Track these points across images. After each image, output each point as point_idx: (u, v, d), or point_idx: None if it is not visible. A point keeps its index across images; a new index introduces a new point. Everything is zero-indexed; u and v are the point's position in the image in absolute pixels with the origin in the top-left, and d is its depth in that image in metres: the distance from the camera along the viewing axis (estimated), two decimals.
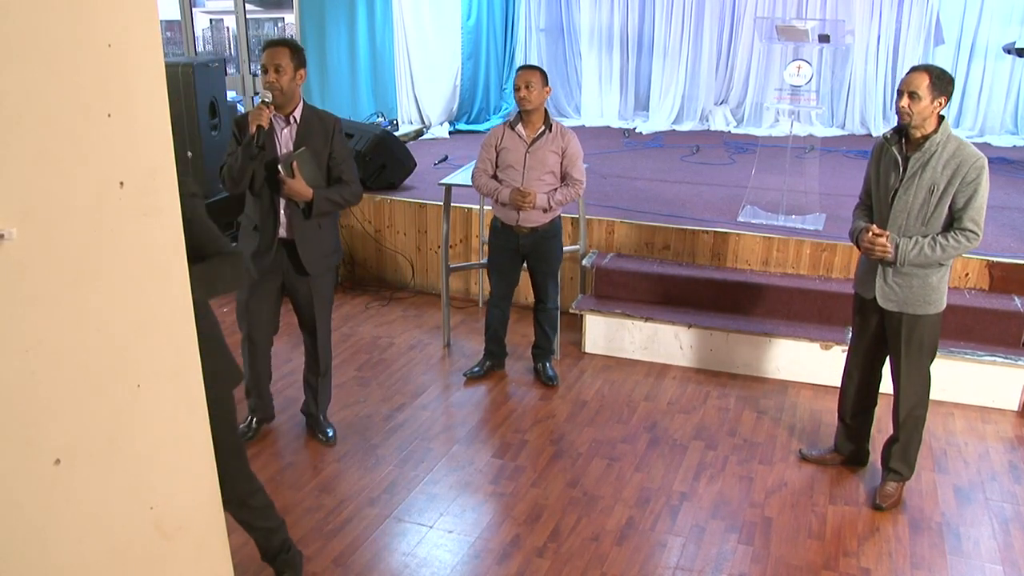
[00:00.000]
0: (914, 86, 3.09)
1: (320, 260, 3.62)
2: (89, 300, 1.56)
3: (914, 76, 3.12)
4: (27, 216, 1.41)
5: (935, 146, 3.12)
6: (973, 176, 3.08)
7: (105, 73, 1.52)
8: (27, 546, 1.52)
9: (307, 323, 3.78)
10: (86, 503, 1.61)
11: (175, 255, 1.75)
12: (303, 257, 3.55)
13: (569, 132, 4.19)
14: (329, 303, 3.81)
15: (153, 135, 1.65)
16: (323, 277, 3.70)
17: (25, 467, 1.49)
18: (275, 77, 3.35)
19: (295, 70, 3.39)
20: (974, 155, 3.10)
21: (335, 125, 3.55)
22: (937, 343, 3.39)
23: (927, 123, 3.13)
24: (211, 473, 1.97)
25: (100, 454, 1.63)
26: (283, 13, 13.62)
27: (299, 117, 3.48)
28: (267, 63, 3.36)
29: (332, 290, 3.82)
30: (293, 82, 3.40)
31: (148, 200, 1.65)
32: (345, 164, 3.56)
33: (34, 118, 1.41)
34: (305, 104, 3.52)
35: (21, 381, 1.46)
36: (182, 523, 1.86)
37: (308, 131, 3.48)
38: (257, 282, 3.60)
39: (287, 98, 3.42)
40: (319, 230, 3.57)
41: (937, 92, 3.08)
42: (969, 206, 3.10)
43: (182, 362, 1.81)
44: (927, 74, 3.09)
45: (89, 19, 1.48)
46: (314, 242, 3.57)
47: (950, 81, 3.12)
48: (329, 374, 3.96)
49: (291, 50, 3.39)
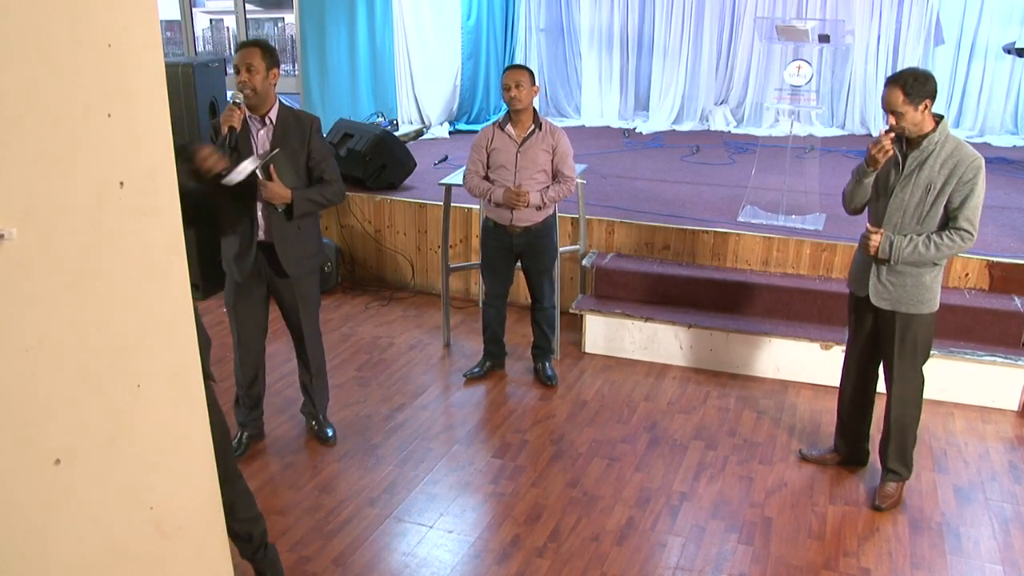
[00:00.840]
0: (892, 105, 3.08)
1: (301, 261, 3.58)
2: (89, 300, 1.56)
3: (888, 95, 3.08)
4: (27, 216, 1.41)
5: (933, 145, 3.13)
6: (970, 176, 3.08)
7: (105, 73, 1.52)
8: (27, 546, 1.52)
9: (293, 326, 3.75)
10: (86, 503, 1.61)
11: (175, 255, 1.75)
12: (282, 259, 3.51)
13: (558, 130, 4.19)
14: (314, 304, 3.77)
15: (153, 135, 1.65)
16: (306, 279, 3.66)
17: (25, 467, 1.49)
18: (247, 77, 3.33)
19: (267, 70, 3.37)
20: (971, 155, 3.10)
21: (312, 124, 3.52)
22: (931, 343, 3.39)
23: (923, 125, 3.13)
24: (211, 473, 1.97)
25: (100, 454, 1.63)
26: (283, 13, 13.63)
27: (275, 117, 3.45)
28: (239, 63, 3.35)
29: (317, 291, 3.78)
30: (266, 81, 3.38)
31: (148, 200, 1.65)
32: (325, 163, 3.53)
33: (34, 118, 1.41)
34: (281, 104, 3.50)
35: (21, 381, 1.46)
36: (182, 523, 1.86)
37: (285, 131, 3.45)
38: (242, 286, 3.58)
39: (261, 99, 3.39)
40: (298, 231, 3.53)
41: (918, 99, 3.05)
42: (965, 206, 3.10)
43: (182, 362, 1.81)
44: (899, 89, 3.05)
45: (89, 19, 1.48)
46: (293, 244, 3.53)
47: (926, 80, 3.06)
48: (323, 374, 3.94)
49: (262, 50, 3.37)
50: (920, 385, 3.40)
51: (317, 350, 3.85)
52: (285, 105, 3.53)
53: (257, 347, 3.75)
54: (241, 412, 3.83)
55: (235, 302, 3.64)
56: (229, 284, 3.63)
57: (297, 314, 3.69)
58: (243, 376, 3.74)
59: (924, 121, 3.11)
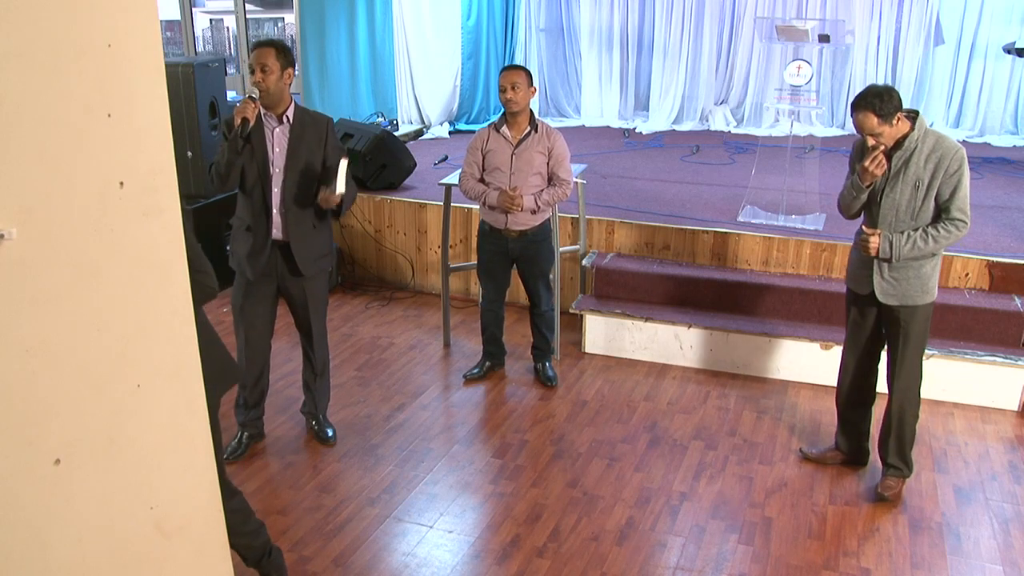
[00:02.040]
0: (869, 130, 3.13)
1: (315, 261, 3.63)
2: (89, 300, 1.56)
3: (863, 121, 3.12)
4: (27, 216, 1.41)
5: (914, 143, 3.20)
6: (955, 167, 3.16)
7: (105, 73, 1.52)
8: (27, 546, 1.52)
9: (303, 324, 3.80)
10: (86, 503, 1.61)
11: (175, 255, 1.75)
12: (297, 258, 3.55)
13: (555, 132, 4.16)
14: (324, 304, 3.82)
15: (153, 135, 1.65)
16: (317, 278, 3.71)
17: (25, 467, 1.49)
18: (261, 77, 3.37)
19: (282, 70, 3.40)
20: (953, 147, 3.18)
21: (328, 125, 3.57)
22: (928, 332, 3.45)
23: (900, 132, 3.19)
24: (211, 473, 1.97)
25: (100, 454, 1.63)
26: (283, 13, 13.63)
27: (291, 117, 3.48)
28: (254, 63, 3.39)
29: (326, 291, 3.83)
30: (281, 81, 3.40)
31: (148, 200, 1.65)
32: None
33: (34, 118, 1.41)
34: (296, 105, 3.53)
35: (21, 381, 1.46)
36: (182, 523, 1.86)
37: (302, 131, 3.49)
38: (252, 284, 3.59)
39: (275, 98, 3.42)
40: (313, 231, 3.58)
41: (889, 116, 3.11)
42: (955, 196, 3.19)
43: (182, 362, 1.81)
44: (871, 113, 3.10)
45: (89, 19, 1.48)
46: (308, 243, 3.57)
47: (891, 95, 3.10)
48: (327, 374, 3.96)
49: (277, 50, 3.39)
50: (919, 378, 3.45)
51: (323, 349, 3.89)
52: (300, 106, 3.56)
53: (264, 346, 3.77)
54: (241, 412, 3.83)
55: (243, 301, 3.65)
56: (238, 283, 3.65)
57: (307, 312, 3.73)
58: (248, 375, 3.75)
59: (900, 129, 3.18)
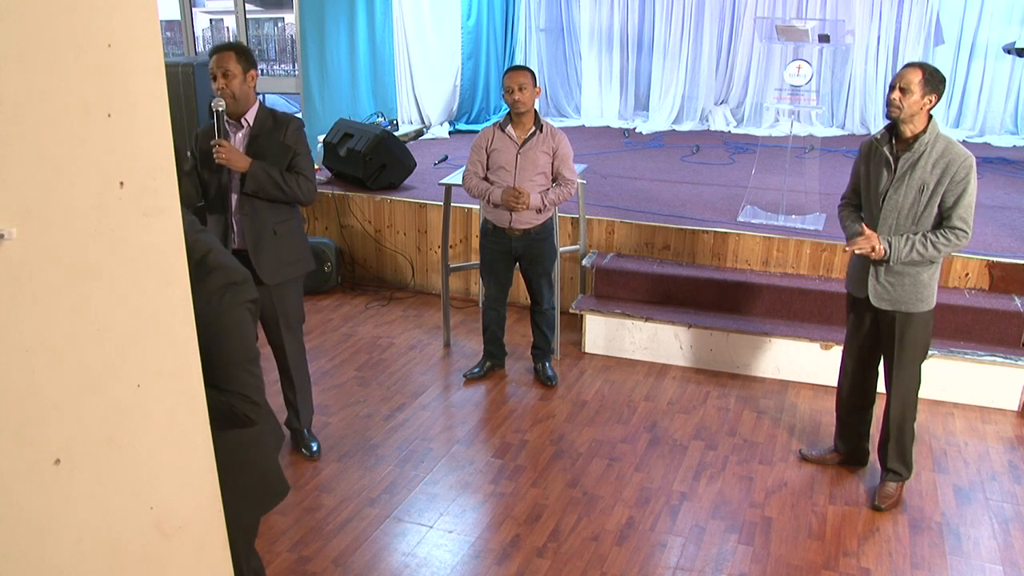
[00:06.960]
0: (906, 81, 3.12)
1: (279, 268, 3.44)
2: (89, 300, 1.56)
3: (908, 71, 3.15)
4: (27, 216, 1.41)
5: (924, 145, 3.16)
6: (962, 175, 3.12)
7: (105, 73, 1.52)
8: (27, 546, 1.52)
9: (273, 338, 3.59)
10: (86, 503, 1.61)
11: (175, 255, 1.75)
12: (256, 265, 3.35)
13: (559, 132, 4.18)
14: (296, 318, 3.62)
15: (153, 135, 1.65)
16: (286, 287, 3.50)
17: (25, 467, 1.49)
18: (224, 83, 3.27)
19: (244, 72, 3.30)
20: (963, 154, 3.14)
21: (290, 124, 3.42)
22: (929, 341, 3.42)
23: (916, 120, 3.15)
24: (211, 473, 1.97)
25: (100, 454, 1.63)
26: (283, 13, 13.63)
27: (251, 120, 3.38)
28: (214, 69, 3.27)
29: (299, 303, 3.61)
30: (245, 84, 3.31)
31: (148, 200, 1.65)
32: (300, 158, 3.41)
33: (34, 118, 1.41)
34: (261, 106, 3.42)
35: (21, 381, 1.45)
36: (182, 523, 1.86)
37: (259, 134, 3.37)
38: None
39: (240, 103, 3.33)
40: (274, 236, 3.41)
41: (929, 89, 3.11)
42: (959, 204, 3.14)
43: (182, 362, 1.81)
44: (921, 70, 3.13)
45: (89, 19, 1.48)
46: (269, 249, 3.40)
47: (942, 80, 3.15)
48: (307, 390, 3.79)
49: (237, 53, 3.30)
50: (918, 384, 3.43)
51: (301, 367, 3.70)
52: (265, 107, 3.44)
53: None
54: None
55: None
56: None
57: (277, 326, 3.54)
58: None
59: (920, 114, 3.15)
